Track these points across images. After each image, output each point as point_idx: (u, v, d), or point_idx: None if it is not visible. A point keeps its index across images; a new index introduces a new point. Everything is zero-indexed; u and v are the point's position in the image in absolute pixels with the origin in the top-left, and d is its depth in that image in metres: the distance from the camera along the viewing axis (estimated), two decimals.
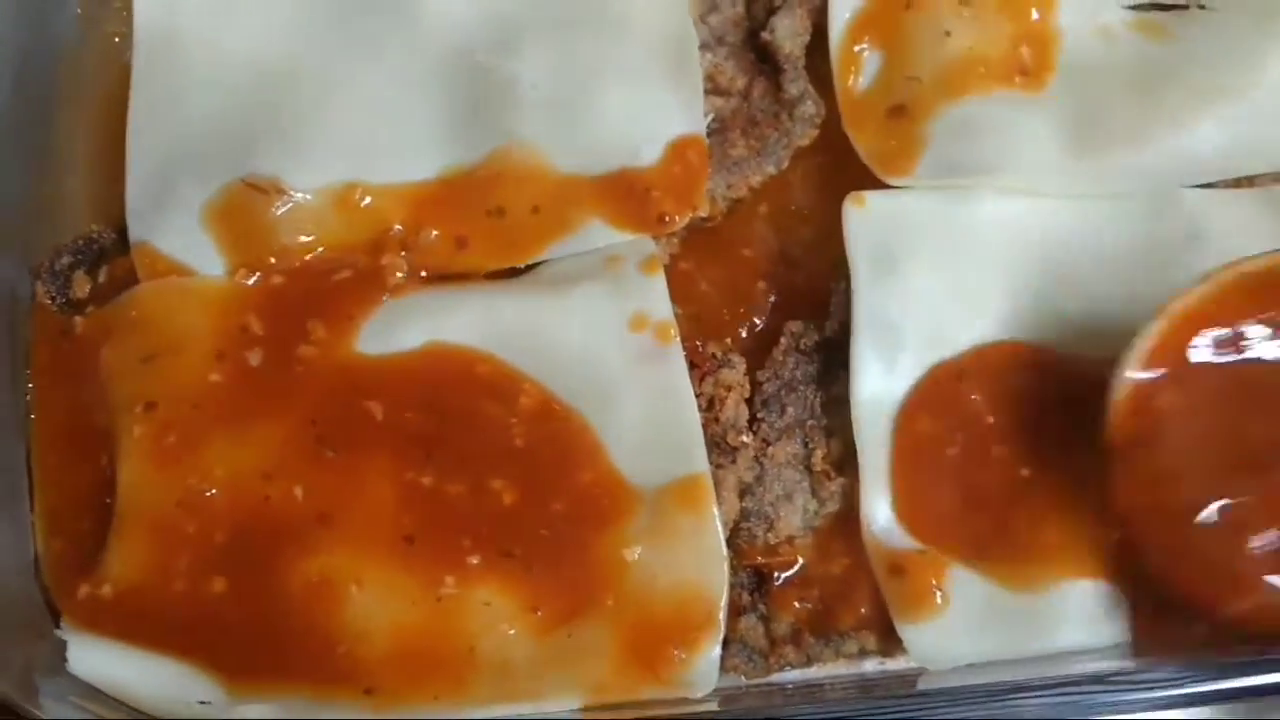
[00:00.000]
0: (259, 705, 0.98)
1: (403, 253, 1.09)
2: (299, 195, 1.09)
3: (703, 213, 1.11)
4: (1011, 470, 1.06)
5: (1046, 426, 1.06)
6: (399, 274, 1.08)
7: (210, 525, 1.00)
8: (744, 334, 1.16)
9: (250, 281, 1.08)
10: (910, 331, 1.09)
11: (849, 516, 1.06)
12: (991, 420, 1.07)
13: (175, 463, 1.02)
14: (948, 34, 1.17)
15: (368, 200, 1.10)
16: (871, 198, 1.11)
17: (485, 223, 1.10)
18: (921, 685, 1.01)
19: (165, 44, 1.15)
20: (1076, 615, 1.03)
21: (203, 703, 0.98)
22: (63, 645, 0.97)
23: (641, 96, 1.14)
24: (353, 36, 1.14)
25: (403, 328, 1.07)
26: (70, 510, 1.06)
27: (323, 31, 1.14)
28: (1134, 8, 1.19)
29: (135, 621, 0.98)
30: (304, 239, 1.09)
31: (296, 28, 1.15)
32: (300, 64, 1.14)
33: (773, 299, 1.17)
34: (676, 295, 1.11)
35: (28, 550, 1.05)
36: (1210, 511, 0.96)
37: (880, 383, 1.08)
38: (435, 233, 1.10)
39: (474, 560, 1.00)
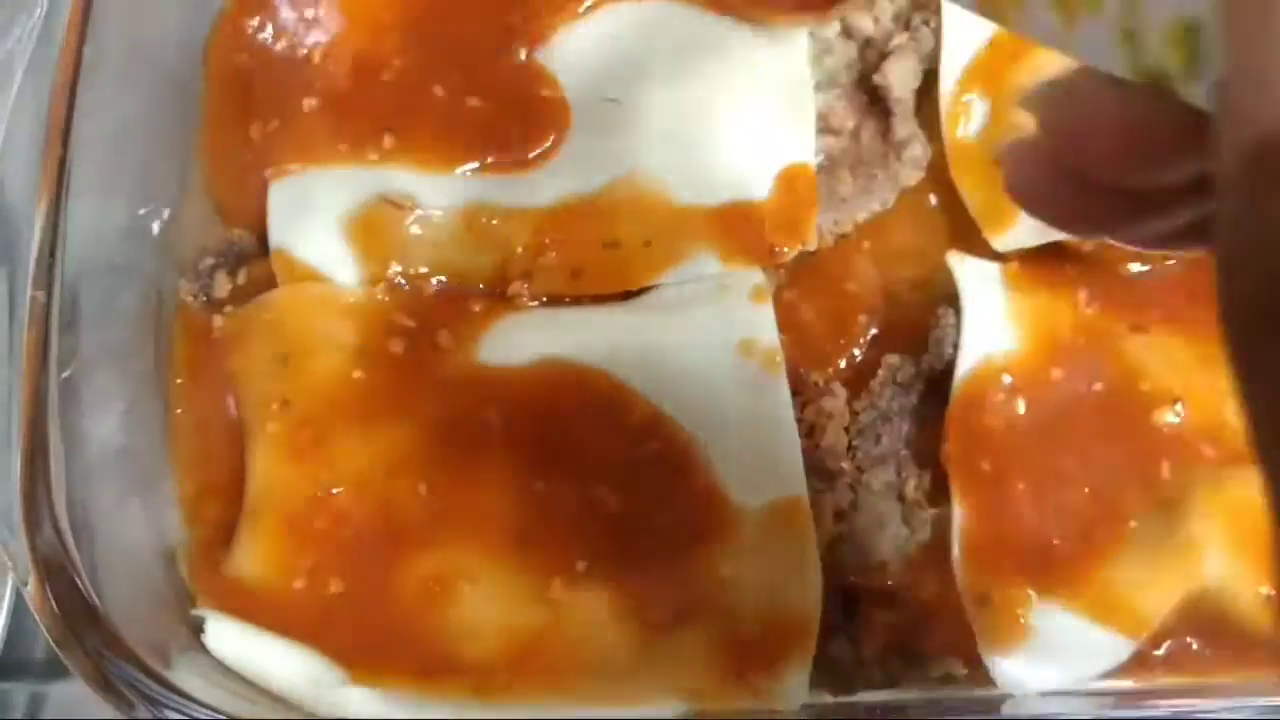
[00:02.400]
0: (372, 692, 1.04)
1: (525, 284, 1.15)
2: (431, 213, 1.16)
3: (811, 247, 1.16)
4: (1085, 504, 1.09)
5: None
6: (524, 299, 1.15)
7: (336, 522, 1.06)
8: (843, 365, 1.20)
9: (383, 297, 1.14)
10: None
11: (940, 545, 1.10)
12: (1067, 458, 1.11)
13: (307, 459, 1.08)
14: None
15: (494, 223, 1.16)
16: (971, 261, 1.17)
17: (600, 254, 1.15)
18: (1006, 711, 1.05)
19: None
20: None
21: (316, 682, 1.03)
22: (196, 629, 1.04)
23: (757, 132, 1.19)
24: None
25: (520, 341, 1.14)
26: (206, 501, 1.13)
27: None
28: None
29: (263, 609, 1.04)
30: (434, 255, 1.16)
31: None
32: None
33: (873, 332, 1.21)
34: (780, 323, 1.15)
35: (166, 537, 1.12)
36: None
37: None
38: (555, 255, 1.16)
39: (581, 565, 1.06)
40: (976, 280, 1.15)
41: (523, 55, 1.22)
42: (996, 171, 1.19)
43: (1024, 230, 1.18)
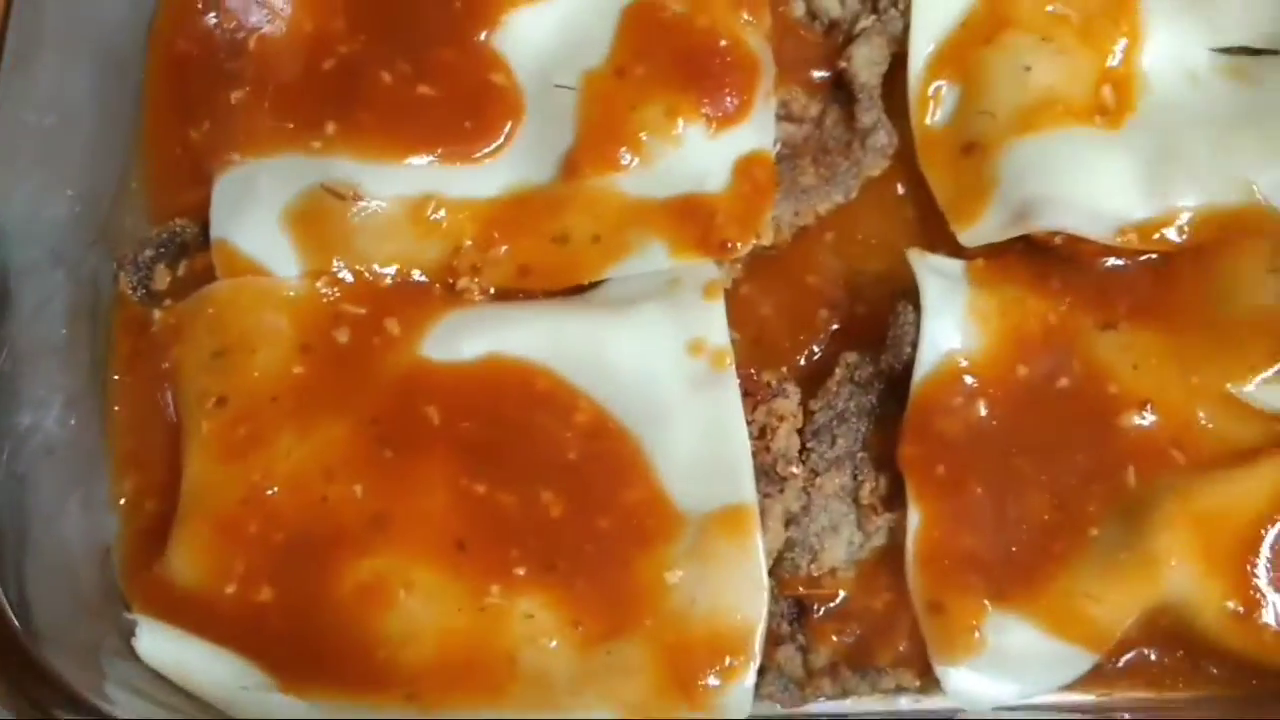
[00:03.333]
0: (301, 701, 1.01)
1: (475, 279, 1.12)
2: (375, 203, 1.12)
3: (765, 241, 1.12)
4: (1046, 512, 1.05)
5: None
6: (473, 293, 1.12)
7: (270, 525, 1.03)
8: (801, 361, 1.16)
9: (326, 290, 1.11)
10: None
11: (894, 551, 1.06)
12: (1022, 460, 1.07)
13: (241, 458, 1.05)
14: (1028, 69, 1.16)
15: (441, 213, 1.13)
16: (932, 259, 1.12)
17: (549, 249, 1.12)
18: None
19: None
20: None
21: (244, 688, 1.01)
22: (126, 634, 1.01)
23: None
24: None
25: (466, 337, 1.10)
26: (143, 500, 1.10)
27: None
28: (1222, 51, 1.17)
29: (195, 615, 1.02)
30: (378, 247, 1.12)
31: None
32: None
33: (834, 327, 1.18)
34: (737, 318, 1.12)
35: (101, 537, 1.09)
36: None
37: None
38: (505, 248, 1.12)
39: (520, 571, 1.03)
40: (938, 277, 1.11)
41: (475, 40, 1.17)
42: (963, 160, 1.17)
43: (992, 224, 1.13)
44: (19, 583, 1.01)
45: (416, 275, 1.13)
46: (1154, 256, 1.12)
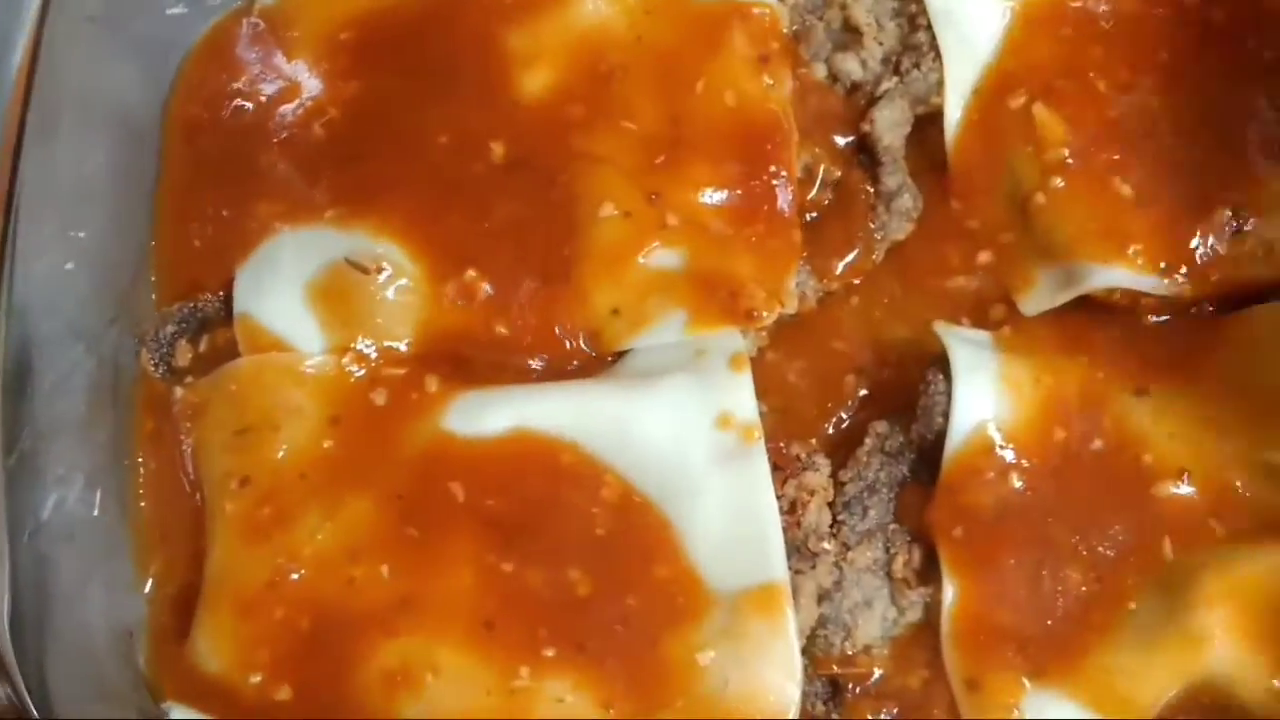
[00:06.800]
0: None
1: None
2: (400, 279, 1.11)
3: (790, 309, 1.11)
4: (1083, 584, 1.03)
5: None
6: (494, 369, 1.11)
7: (295, 610, 1.02)
8: (829, 429, 1.15)
9: (351, 365, 1.10)
10: None
11: (931, 627, 1.04)
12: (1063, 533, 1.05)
13: (266, 540, 1.04)
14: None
15: None
16: (960, 330, 1.12)
17: None
18: None
19: None
20: None
21: None
22: (152, 717, 1.01)
23: None
24: None
25: (491, 411, 1.09)
26: (169, 582, 1.10)
27: None
28: None
29: (222, 702, 1.01)
30: (402, 320, 1.11)
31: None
32: None
33: (862, 393, 1.16)
34: (763, 386, 1.10)
35: (123, 619, 1.08)
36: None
37: None
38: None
39: (549, 652, 1.01)
40: (967, 349, 1.09)
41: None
42: (1011, 228, 1.14)
43: (1048, 288, 1.12)
44: (39, 667, 1.00)
45: (445, 353, 1.12)
46: (1210, 308, 1.12)
